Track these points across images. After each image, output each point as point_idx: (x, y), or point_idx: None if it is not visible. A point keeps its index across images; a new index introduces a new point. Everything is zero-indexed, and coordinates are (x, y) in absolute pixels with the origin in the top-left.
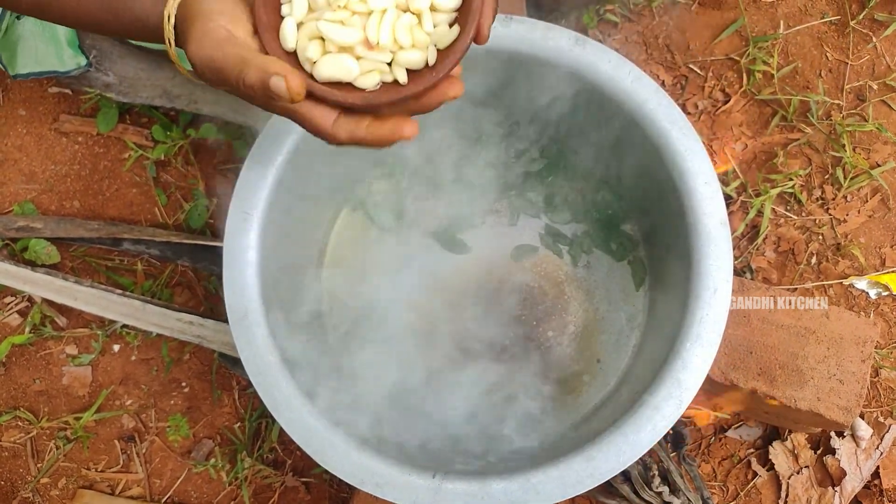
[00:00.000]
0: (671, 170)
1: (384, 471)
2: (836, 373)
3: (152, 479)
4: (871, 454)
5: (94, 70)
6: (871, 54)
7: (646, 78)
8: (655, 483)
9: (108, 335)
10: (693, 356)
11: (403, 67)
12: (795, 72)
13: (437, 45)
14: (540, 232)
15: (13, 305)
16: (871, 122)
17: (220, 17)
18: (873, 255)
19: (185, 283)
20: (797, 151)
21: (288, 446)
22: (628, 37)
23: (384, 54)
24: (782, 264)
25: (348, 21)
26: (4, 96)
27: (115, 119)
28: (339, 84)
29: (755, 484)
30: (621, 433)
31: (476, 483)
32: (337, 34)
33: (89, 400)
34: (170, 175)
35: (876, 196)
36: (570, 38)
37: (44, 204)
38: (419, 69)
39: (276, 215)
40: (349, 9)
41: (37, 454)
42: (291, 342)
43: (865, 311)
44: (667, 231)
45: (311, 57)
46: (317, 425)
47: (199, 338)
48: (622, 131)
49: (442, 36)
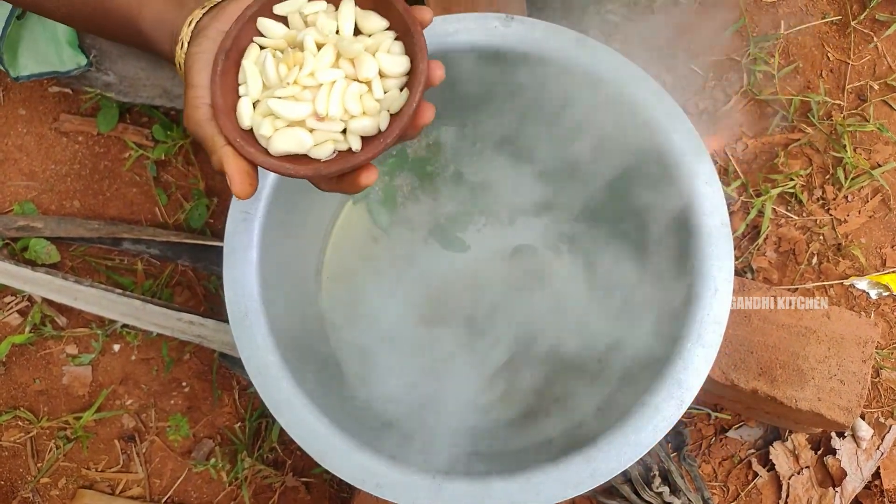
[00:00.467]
0: (672, 170)
1: (384, 471)
2: (836, 373)
3: (152, 479)
4: (871, 454)
5: (94, 70)
6: (872, 54)
7: (647, 78)
8: (656, 483)
9: (108, 335)
10: (694, 357)
11: (357, 135)
12: (796, 72)
13: (389, 109)
14: (540, 231)
15: (13, 305)
16: (872, 122)
17: (205, 91)
18: (874, 255)
19: (185, 283)
20: (798, 151)
21: (288, 446)
22: (629, 37)
23: (336, 124)
24: (783, 264)
25: (299, 95)
26: (5, 96)
27: (116, 119)
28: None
29: (756, 484)
30: (622, 434)
31: (476, 483)
32: (286, 110)
33: (89, 400)
34: (170, 175)
35: (877, 196)
36: (570, 38)
37: (44, 203)
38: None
39: (277, 214)
40: (299, 83)
41: (37, 454)
42: (292, 341)
43: (866, 312)
44: (667, 231)
45: (265, 133)
46: (317, 425)
47: (200, 337)
48: (623, 131)
49: (393, 101)
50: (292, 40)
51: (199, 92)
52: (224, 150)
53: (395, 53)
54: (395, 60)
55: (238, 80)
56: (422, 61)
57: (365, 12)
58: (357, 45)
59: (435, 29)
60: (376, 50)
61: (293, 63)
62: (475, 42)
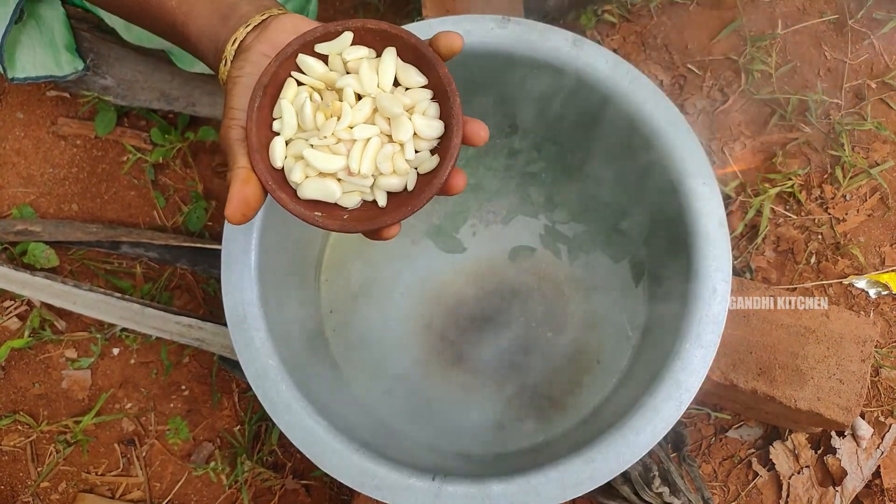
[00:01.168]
0: (669, 170)
1: (384, 473)
2: (836, 372)
3: (152, 483)
4: (871, 453)
5: (91, 73)
6: (869, 53)
7: (644, 78)
8: (656, 484)
9: (107, 339)
10: (692, 357)
11: (384, 190)
12: (794, 71)
13: (418, 169)
14: (538, 232)
15: (12, 309)
16: (870, 120)
17: (241, 113)
18: (873, 254)
19: (184, 286)
20: (796, 151)
21: (288, 449)
22: (626, 37)
23: (366, 180)
24: (782, 264)
25: (334, 148)
26: (2, 99)
27: (114, 122)
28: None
29: (756, 484)
30: (621, 435)
31: (476, 485)
32: (321, 162)
33: (89, 403)
34: (168, 178)
35: (875, 195)
36: (567, 39)
37: (42, 207)
38: (399, 191)
39: (275, 218)
40: (336, 136)
41: (37, 458)
42: (290, 345)
43: (865, 311)
44: (666, 231)
45: (296, 180)
46: (316, 428)
47: (199, 341)
48: (620, 132)
49: (423, 161)
50: (331, 82)
51: (236, 114)
52: (236, 171)
53: (430, 116)
54: (430, 124)
55: (273, 114)
56: (457, 129)
57: (405, 66)
58: (396, 108)
59: (431, 30)
60: (413, 110)
61: (331, 113)
62: (472, 43)
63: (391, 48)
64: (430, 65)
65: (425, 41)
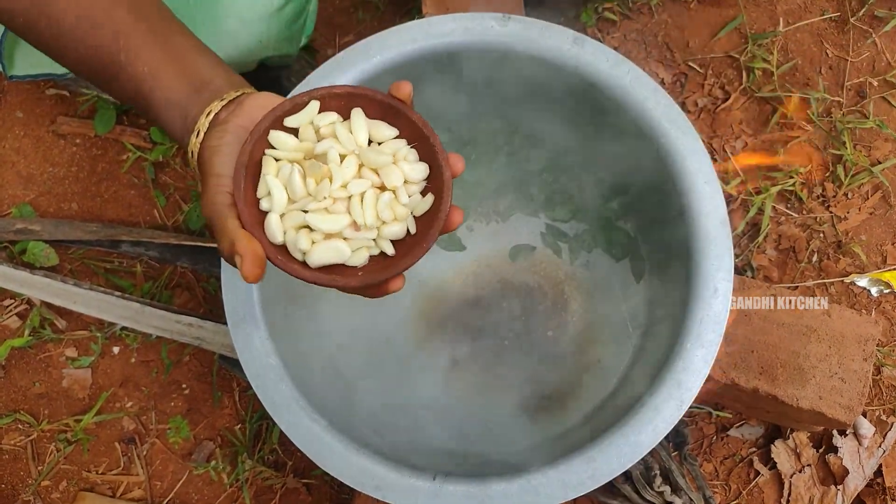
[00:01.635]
0: (671, 168)
1: (384, 473)
2: (837, 371)
3: (153, 482)
4: (873, 452)
5: None
6: (871, 51)
7: (645, 76)
8: (657, 483)
9: (107, 337)
10: (693, 357)
11: (388, 240)
12: (795, 69)
13: (413, 212)
14: (539, 231)
15: (12, 308)
16: (872, 118)
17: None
18: (874, 252)
19: (184, 285)
20: (797, 149)
21: (288, 448)
22: (627, 35)
23: (371, 232)
24: (783, 262)
25: (332, 208)
26: (2, 99)
27: (113, 120)
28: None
29: (757, 483)
30: (622, 434)
31: (476, 485)
32: (326, 224)
33: (89, 402)
34: (168, 176)
35: (877, 193)
36: (568, 37)
37: (42, 206)
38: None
39: None
40: (331, 196)
41: (37, 457)
42: (290, 344)
43: (867, 309)
44: (667, 230)
45: (303, 247)
46: (316, 428)
47: (199, 339)
48: (621, 130)
49: (417, 204)
50: (308, 151)
51: (222, 180)
52: (238, 232)
53: (412, 161)
54: (415, 168)
55: (257, 193)
56: (445, 166)
57: (375, 122)
58: (382, 157)
59: (432, 29)
60: (395, 158)
61: (321, 177)
62: (472, 41)
63: (357, 109)
64: (400, 112)
65: (388, 93)
